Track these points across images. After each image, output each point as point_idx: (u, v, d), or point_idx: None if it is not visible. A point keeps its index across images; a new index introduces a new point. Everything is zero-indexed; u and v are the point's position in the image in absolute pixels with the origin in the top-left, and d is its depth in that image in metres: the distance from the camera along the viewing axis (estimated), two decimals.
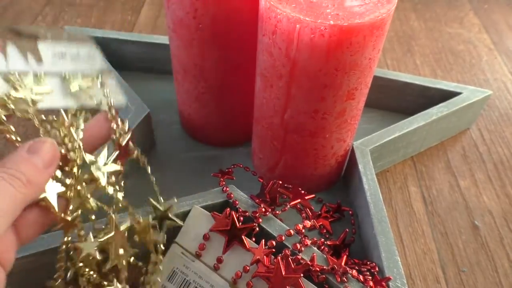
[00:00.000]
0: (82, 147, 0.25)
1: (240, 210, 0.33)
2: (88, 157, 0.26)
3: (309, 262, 0.31)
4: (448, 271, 0.38)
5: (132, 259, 0.29)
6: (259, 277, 0.30)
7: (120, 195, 0.27)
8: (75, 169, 0.25)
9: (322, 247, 0.34)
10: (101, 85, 0.27)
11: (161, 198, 0.32)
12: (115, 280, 0.28)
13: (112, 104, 0.27)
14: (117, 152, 0.27)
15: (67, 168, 0.25)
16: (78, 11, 0.65)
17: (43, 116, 0.25)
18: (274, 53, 0.31)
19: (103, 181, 0.26)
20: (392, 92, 0.49)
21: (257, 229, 0.33)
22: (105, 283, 0.28)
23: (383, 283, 0.31)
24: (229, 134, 0.45)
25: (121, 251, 0.28)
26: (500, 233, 0.41)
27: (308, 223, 0.33)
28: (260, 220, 0.33)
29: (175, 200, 0.33)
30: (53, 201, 0.24)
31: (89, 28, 0.52)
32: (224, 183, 0.36)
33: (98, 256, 0.27)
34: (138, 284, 0.30)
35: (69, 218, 0.25)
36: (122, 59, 0.51)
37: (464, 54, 0.61)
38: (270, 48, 0.31)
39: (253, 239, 0.32)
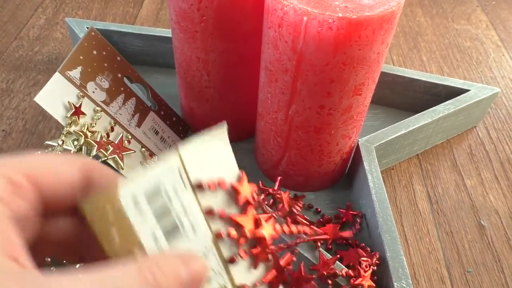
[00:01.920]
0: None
1: None
2: None
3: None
4: (453, 271, 0.37)
5: None
6: None
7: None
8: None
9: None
10: None
11: None
12: None
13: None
14: None
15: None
16: (79, 3, 0.64)
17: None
18: (279, 46, 0.30)
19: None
20: (398, 88, 0.48)
21: None
22: None
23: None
24: (231, 130, 0.44)
25: None
26: (507, 233, 0.40)
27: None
28: None
29: None
30: None
31: (90, 21, 0.51)
32: None
33: None
34: None
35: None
36: (123, 52, 0.50)
37: (471, 51, 0.60)
38: (276, 41, 0.30)
39: None
